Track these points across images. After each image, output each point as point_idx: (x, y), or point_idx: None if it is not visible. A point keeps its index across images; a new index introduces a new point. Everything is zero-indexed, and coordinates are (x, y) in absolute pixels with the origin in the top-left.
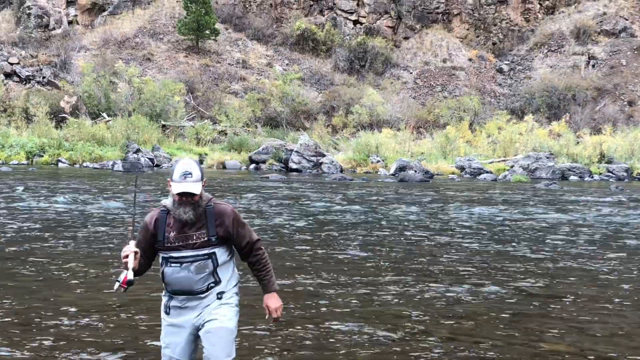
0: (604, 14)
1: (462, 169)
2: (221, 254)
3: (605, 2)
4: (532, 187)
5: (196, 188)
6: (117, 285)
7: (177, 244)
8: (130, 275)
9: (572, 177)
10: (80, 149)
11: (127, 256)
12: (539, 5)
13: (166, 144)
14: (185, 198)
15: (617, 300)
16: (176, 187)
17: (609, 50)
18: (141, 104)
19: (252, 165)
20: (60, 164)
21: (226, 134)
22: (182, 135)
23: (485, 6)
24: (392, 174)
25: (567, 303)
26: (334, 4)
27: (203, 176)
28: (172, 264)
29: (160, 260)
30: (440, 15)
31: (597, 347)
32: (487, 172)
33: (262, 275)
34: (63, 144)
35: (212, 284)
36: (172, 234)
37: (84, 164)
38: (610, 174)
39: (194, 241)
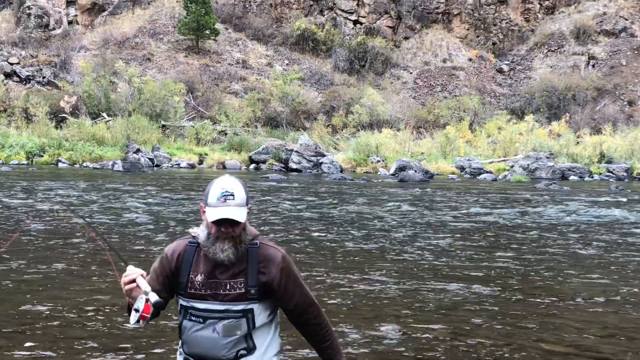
0: (604, 14)
1: (462, 169)
2: (260, 312)
3: (605, 2)
4: (532, 187)
5: (240, 214)
6: (135, 317)
7: (204, 292)
8: (153, 296)
9: (572, 177)
10: (80, 149)
11: (132, 281)
12: (539, 5)
13: (166, 144)
14: (224, 229)
15: (617, 300)
16: (213, 213)
17: (609, 50)
18: (141, 104)
19: (252, 165)
20: (60, 164)
21: (226, 134)
22: (182, 135)
23: (485, 6)
24: (392, 174)
25: (567, 303)
26: (334, 4)
27: (248, 200)
28: (194, 318)
29: (178, 308)
30: (440, 15)
31: (597, 347)
32: (487, 172)
33: (322, 352)
34: (63, 144)
35: (244, 352)
36: (199, 278)
37: (84, 164)
38: (610, 174)
39: (227, 291)
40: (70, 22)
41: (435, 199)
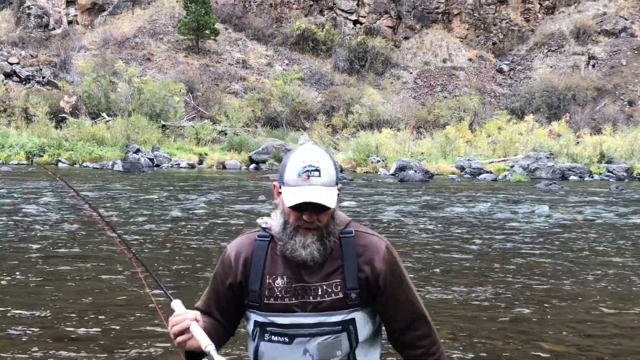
0: (604, 14)
1: (462, 169)
2: (364, 322)
3: (605, 2)
4: (532, 187)
5: (328, 197)
6: None
7: (288, 301)
8: (213, 352)
9: (572, 177)
10: (80, 149)
11: (185, 329)
12: (539, 5)
13: (166, 144)
14: (307, 217)
15: (617, 300)
16: (291, 195)
17: (609, 50)
18: (141, 104)
19: (252, 165)
20: (60, 164)
21: (226, 134)
22: (182, 135)
23: (485, 6)
24: (392, 174)
25: (567, 303)
26: (334, 4)
27: (338, 177)
28: (275, 338)
29: (248, 328)
30: (440, 15)
31: (597, 347)
32: (487, 172)
33: None
34: (63, 144)
35: None
36: (279, 282)
37: (84, 164)
38: (610, 174)
39: (319, 298)
40: (70, 22)
41: (435, 198)
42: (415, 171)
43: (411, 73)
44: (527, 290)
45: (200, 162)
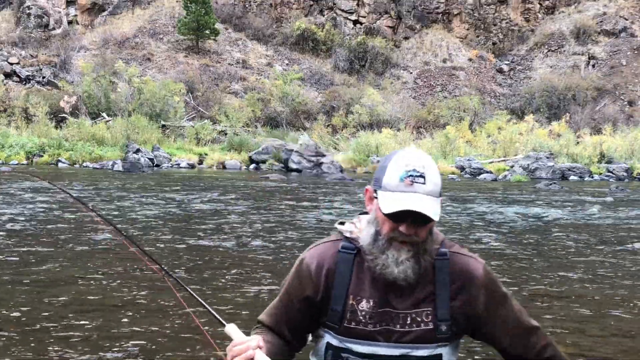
0: (604, 14)
1: (462, 169)
2: (450, 356)
3: (605, 2)
4: (532, 187)
5: (434, 209)
6: None
7: (372, 328)
8: None
9: (572, 177)
10: (80, 149)
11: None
12: (539, 5)
13: (166, 144)
14: (405, 229)
15: (617, 300)
16: (391, 201)
17: (609, 50)
18: (141, 104)
19: (252, 165)
20: (60, 164)
21: (226, 134)
22: (182, 135)
23: (485, 6)
24: None
25: (567, 303)
26: (334, 4)
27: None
28: None
29: (319, 347)
30: (440, 15)
31: (597, 347)
32: (487, 172)
33: None
34: (63, 144)
35: None
36: (364, 305)
37: (84, 164)
38: (610, 174)
39: (407, 327)
40: (70, 22)
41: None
42: None
43: (411, 73)
44: (526, 290)
45: (200, 162)
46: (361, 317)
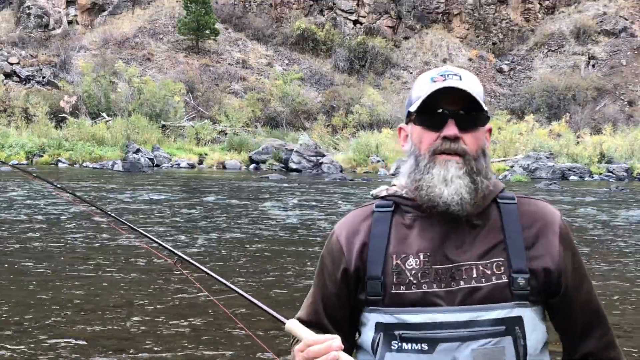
0: (604, 14)
1: None
2: (534, 326)
3: (605, 2)
4: (532, 186)
5: (478, 93)
6: None
7: (425, 289)
8: None
9: (572, 177)
10: (80, 149)
11: None
12: (539, 5)
13: (166, 144)
14: (448, 129)
15: (617, 300)
16: (423, 94)
17: (609, 50)
18: (141, 104)
19: (252, 165)
20: (60, 164)
21: (226, 134)
22: (182, 135)
23: (485, 6)
24: (392, 174)
25: None
26: (334, 3)
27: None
28: (408, 345)
29: (364, 339)
30: (440, 15)
31: None
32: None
33: None
34: (63, 144)
35: None
36: (411, 263)
37: (84, 164)
38: (611, 174)
39: (473, 283)
40: (70, 22)
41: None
42: None
43: (411, 73)
44: None
45: (200, 162)
46: (411, 277)
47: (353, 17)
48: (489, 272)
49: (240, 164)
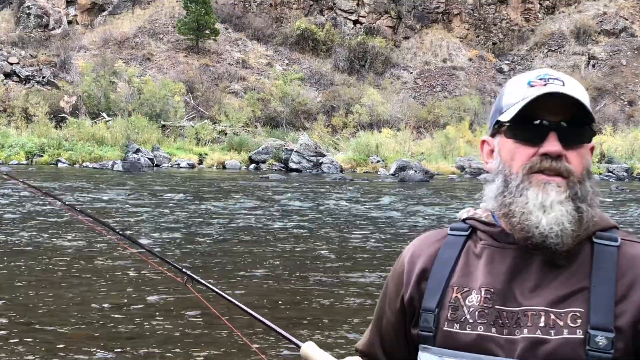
0: (604, 14)
1: (462, 169)
2: None
3: (605, 2)
4: None
5: (585, 101)
6: None
7: (481, 332)
8: None
9: None
10: (80, 149)
11: None
12: (539, 5)
13: (166, 144)
14: (549, 145)
15: None
16: (520, 95)
17: (609, 50)
18: (141, 104)
19: (252, 165)
20: (60, 164)
21: (226, 134)
22: (182, 135)
23: (485, 6)
24: (392, 174)
25: None
26: (334, 3)
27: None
28: None
29: None
30: (440, 15)
31: None
32: (487, 172)
33: None
34: (63, 144)
35: None
36: (472, 299)
37: (84, 164)
38: (611, 174)
39: (538, 333)
40: (70, 22)
41: (434, 198)
42: (415, 171)
43: (411, 73)
44: None
45: (200, 162)
46: (468, 316)
47: (353, 17)
48: (561, 322)
49: (240, 164)
